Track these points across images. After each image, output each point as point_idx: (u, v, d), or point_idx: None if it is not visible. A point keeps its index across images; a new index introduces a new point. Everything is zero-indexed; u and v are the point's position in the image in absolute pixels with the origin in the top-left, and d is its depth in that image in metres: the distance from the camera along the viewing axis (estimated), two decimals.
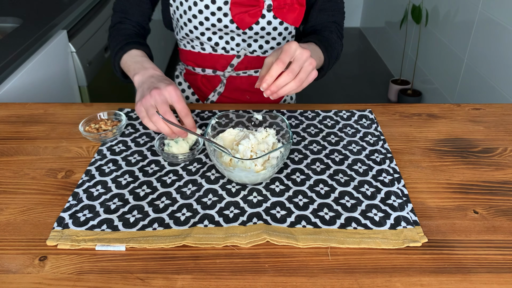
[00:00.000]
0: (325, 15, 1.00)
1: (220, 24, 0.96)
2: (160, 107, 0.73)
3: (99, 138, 0.84)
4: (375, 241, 0.63)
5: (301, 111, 0.95)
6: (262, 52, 1.02)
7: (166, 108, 0.73)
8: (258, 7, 0.94)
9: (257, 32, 0.97)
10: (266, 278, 0.58)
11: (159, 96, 0.73)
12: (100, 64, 1.75)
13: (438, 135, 0.88)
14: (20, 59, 1.25)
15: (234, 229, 0.65)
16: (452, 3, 2.34)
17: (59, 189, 0.74)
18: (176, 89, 0.74)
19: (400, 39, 3.08)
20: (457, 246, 0.63)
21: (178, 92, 0.74)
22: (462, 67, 2.26)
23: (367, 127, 0.90)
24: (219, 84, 1.07)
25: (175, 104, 0.74)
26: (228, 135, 0.79)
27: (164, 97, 0.73)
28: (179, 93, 0.75)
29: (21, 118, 0.94)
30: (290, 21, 0.97)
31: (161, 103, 0.73)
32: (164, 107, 0.73)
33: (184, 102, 0.75)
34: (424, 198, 0.72)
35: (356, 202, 0.70)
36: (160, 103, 0.73)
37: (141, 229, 0.65)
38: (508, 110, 0.97)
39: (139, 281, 0.57)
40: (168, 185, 0.74)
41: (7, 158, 0.81)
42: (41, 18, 1.47)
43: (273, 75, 0.70)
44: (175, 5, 0.98)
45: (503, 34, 1.89)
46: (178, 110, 0.75)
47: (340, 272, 0.59)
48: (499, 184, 0.75)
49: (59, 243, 0.63)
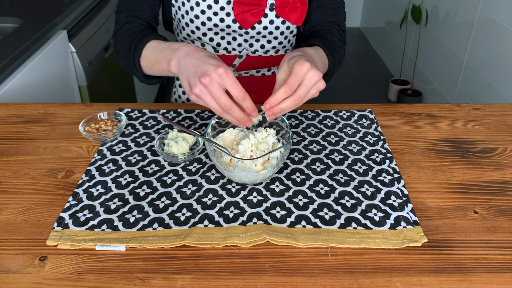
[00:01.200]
0: (324, 13, 0.99)
1: (222, 24, 0.96)
2: (219, 100, 0.67)
3: (99, 138, 0.84)
4: (375, 241, 0.63)
5: (301, 111, 0.95)
6: (264, 52, 1.02)
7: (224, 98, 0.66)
8: (261, 6, 0.94)
9: (259, 32, 0.97)
10: (266, 278, 0.58)
11: (211, 86, 0.66)
12: (100, 64, 1.75)
13: (438, 135, 0.88)
14: (20, 59, 1.25)
15: (234, 229, 0.65)
16: (452, 3, 2.34)
17: (59, 189, 0.74)
18: (227, 71, 0.66)
19: (400, 39, 3.08)
20: (457, 246, 0.63)
21: (230, 73, 0.66)
22: (462, 67, 2.26)
23: (367, 127, 0.90)
24: None
25: (230, 89, 0.67)
26: (228, 135, 0.79)
27: (216, 85, 0.66)
28: (231, 75, 0.66)
29: (21, 118, 0.94)
30: (292, 20, 0.96)
31: (218, 95, 0.66)
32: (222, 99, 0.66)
33: (238, 84, 0.67)
34: (424, 198, 0.72)
35: (356, 202, 0.70)
36: (217, 95, 0.66)
37: (141, 229, 0.65)
38: (508, 110, 0.97)
39: (139, 281, 0.57)
40: (168, 185, 0.74)
41: (7, 158, 0.81)
42: (41, 18, 1.47)
43: (278, 99, 0.68)
44: (177, 5, 0.97)
45: (503, 34, 1.89)
46: (234, 96, 0.67)
47: (340, 272, 0.59)
48: (499, 184, 0.75)
49: (59, 243, 0.63)
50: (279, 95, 0.68)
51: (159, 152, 0.79)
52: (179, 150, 0.79)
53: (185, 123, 0.91)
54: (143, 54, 0.82)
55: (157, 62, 0.78)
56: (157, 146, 0.80)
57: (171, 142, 0.80)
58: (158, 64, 0.79)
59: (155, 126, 0.90)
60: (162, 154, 0.79)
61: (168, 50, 0.76)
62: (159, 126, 0.90)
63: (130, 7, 0.93)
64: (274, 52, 1.03)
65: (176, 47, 0.75)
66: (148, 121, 0.91)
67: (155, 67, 0.81)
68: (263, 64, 1.04)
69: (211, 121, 0.78)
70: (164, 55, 0.76)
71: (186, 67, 0.70)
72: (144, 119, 0.92)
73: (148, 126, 0.90)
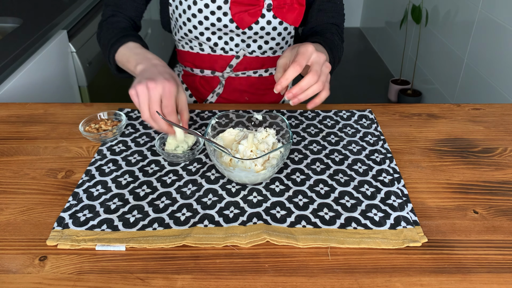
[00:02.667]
0: (324, 16, 0.99)
1: (219, 24, 0.96)
2: (152, 104, 0.72)
3: (99, 138, 0.84)
4: (375, 241, 0.63)
5: (301, 111, 0.95)
6: (261, 53, 1.02)
7: (156, 106, 0.72)
8: (258, 6, 0.94)
9: (257, 32, 0.97)
10: (266, 278, 0.58)
11: (153, 91, 0.72)
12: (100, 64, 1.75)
13: (438, 135, 0.88)
14: (20, 59, 1.25)
15: (234, 229, 0.65)
16: (452, 3, 2.34)
17: (59, 189, 0.74)
18: (171, 86, 0.73)
19: (400, 39, 3.08)
20: (457, 246, 0.63)
21: (171, 89, 0.73)
22: (462, 67, 2.26)
23: (367, 127, 0.90)
24: (218, 85, 1.07)
25: (163, 99, 0.73)
26: (228, 135, 0.79)
27: (157, 93, 0.72)
28: (172, 90, 0.73)
29: (21, 118, 0.94)
30: (289, 21, 0.96)
31: (154, 100, 0.72)
32: (154, 106, 0.72)
33: (173, 99, 0.74)
34: (424, 198, 0.72)
35: (356, 202, 0.70)
36: (153, 100, 0.72)
37: (141, 229, 0.65)
38: (508, 110, 0.97)
39: (139, 281, 0.57)
40: (168, 185, 0.74)
41: (7, 158, 0.81)
42: (41, 18, 1.47)
43: (288, 78, 0.69)
44: (174, 4, 0.97)
45: (503, 34, 1.89)
46: (163, 105, 0.73)
47: (340, 272, 0.59)
48: (499, 184, 0.75)
49: (59, 243, 0.63)
50: (289, 74, 0.69)
51: (160, 152, 0.79)
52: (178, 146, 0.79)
53: None
54: (119, 52, 0.88)
55: (128, 62, 0.85)
56: (158, 146, 0.80)
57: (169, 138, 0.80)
58: (128, 63, 0.85)
59: None
60: (163, 154, 0.79)
61: (141, 56, 0.82)
62: None
63: (116, 3, 0.98)
64: (271, 53, 1.03)
65: (150, 57, 0.81)
66: None
67: (125, 65, 0.87)
68: (260, 65, 1.04)
69: (211, 121, 0.78)
70: (136, 59, 0.82)
71: (145, 71, 0.76)
72: None
73: (148, 126, 0.90)
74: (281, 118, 0.79)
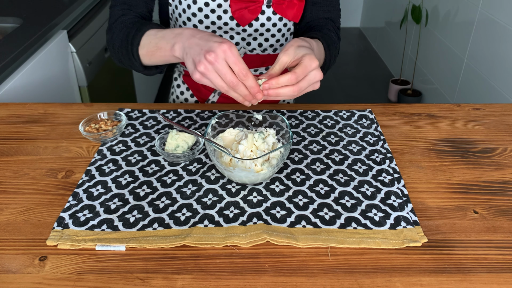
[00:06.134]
0: (319, 10, 0.99)
1: (219, 22, 0.95)
2: (225, 77, 0.66)
3: (99, 138, 0.84)
4: (375, 241, 0.63)
5: (301, 111, 0.95)
6: (261, 50, 1.02)
7: (230, 76, 0.66)
8: (258, 3, 0.94)
9: (257, 29, 0.97)
10: (266, 278, 0.58)
11: (217, 63, 0.65)
12: (100, 64, 1.75)
13: (438, 135, 0.88)
14: (20, 59, 1.25)
15: (234, 229, 0.65)
16: (452, 3, 2.34)
17: (59, 189, 0.74)
18: (231, 47, 0.66)
19: (400, 39, 3.08)
20: (457, 246, 0.63)
21: (233, 50, 0.66)
22: (462, 67, 2.26)
23: (367, 127, 0.90)
24: None
25: (233, 66, 0.66)
26: (228, 135, 0.79)
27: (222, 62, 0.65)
28: (235, 51, 0.66)
29: (21, 118, 0.94)
30: (289, 16, 0.96)
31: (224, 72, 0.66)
32: (228, 77, 0.66)
33: (242, 62, 0.66)
34: (424, 198, 0.72)
35: (356, 202, 0.70)
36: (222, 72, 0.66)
37: (141, 229, 0.65)
38: (508, 110, 0.97)
39: (139, 281, 0.57)
40: (168, 185, 0.74)
41: (7, 158, 0.81)
42: (41, 18, 1.47)
43: (279, 83, 0.68)
44: (174, 4, 0.97)
45: (503, 34, 1.89)
46: (237, 73, 0.67)
47: (340, 272, 0.59)
48: (499, 184, 0.75)
49: (59, 243, 0.63)
50: (282, 80, 0.68)
51: (160, 152, 0.79)
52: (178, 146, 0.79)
53: (185, 123, 0.91)
54: (142, 43, 0.82)
55: (158, 48, 0.78)
56: (158, 146, 0.80)
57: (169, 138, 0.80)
58: (159, 50, 0.78)
59: (155, 126, 0.90)
60: (163, 154, 0.79)
61: (171, 35, 0.75)
62: (159, 126, 0.90)
63: (125, 0, 0.93)
64: (272, 50, 1.03)
65: (178, 32, 0.74)
66: (148, 121, 0.91)
67: (155, 55, 0.80)
68: (260, 63, 1.04)
69: (211, 121, 0.78)
70: (166, 41, 0.76)
71: (191, 48, 0.70)
72: (144, 119, 0.92)
73: (148, 126, 0.90)
74: (281, 118, 0.79)
